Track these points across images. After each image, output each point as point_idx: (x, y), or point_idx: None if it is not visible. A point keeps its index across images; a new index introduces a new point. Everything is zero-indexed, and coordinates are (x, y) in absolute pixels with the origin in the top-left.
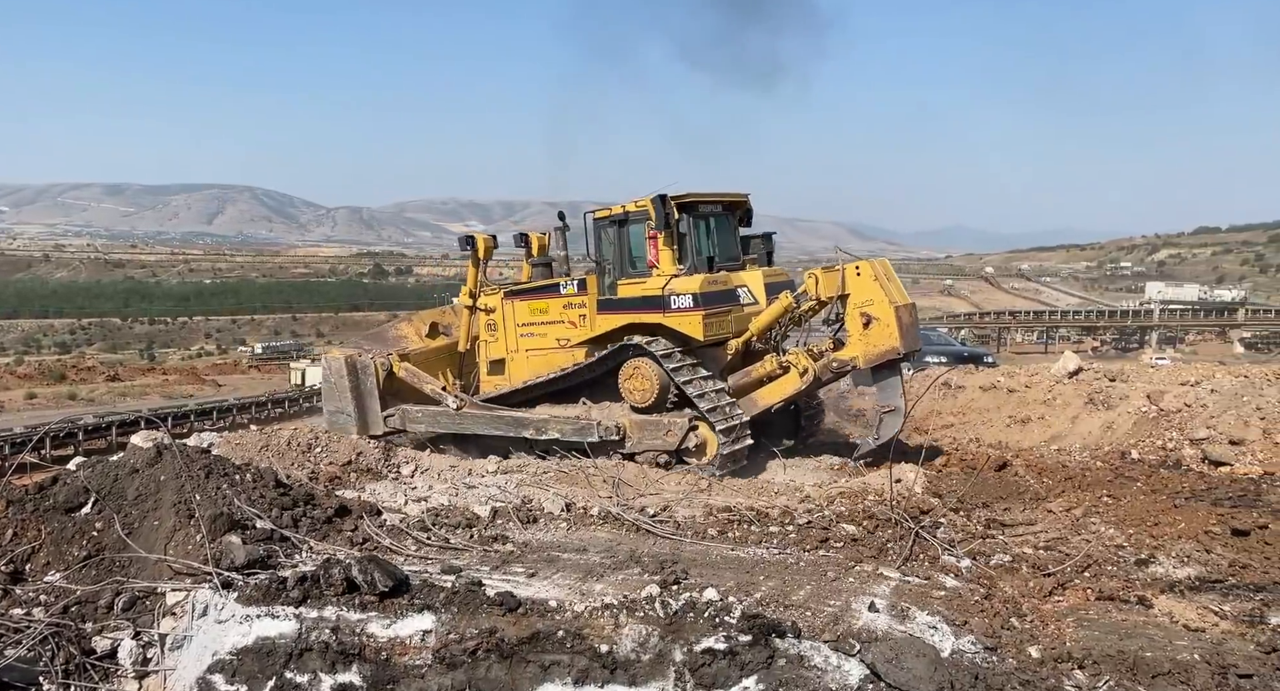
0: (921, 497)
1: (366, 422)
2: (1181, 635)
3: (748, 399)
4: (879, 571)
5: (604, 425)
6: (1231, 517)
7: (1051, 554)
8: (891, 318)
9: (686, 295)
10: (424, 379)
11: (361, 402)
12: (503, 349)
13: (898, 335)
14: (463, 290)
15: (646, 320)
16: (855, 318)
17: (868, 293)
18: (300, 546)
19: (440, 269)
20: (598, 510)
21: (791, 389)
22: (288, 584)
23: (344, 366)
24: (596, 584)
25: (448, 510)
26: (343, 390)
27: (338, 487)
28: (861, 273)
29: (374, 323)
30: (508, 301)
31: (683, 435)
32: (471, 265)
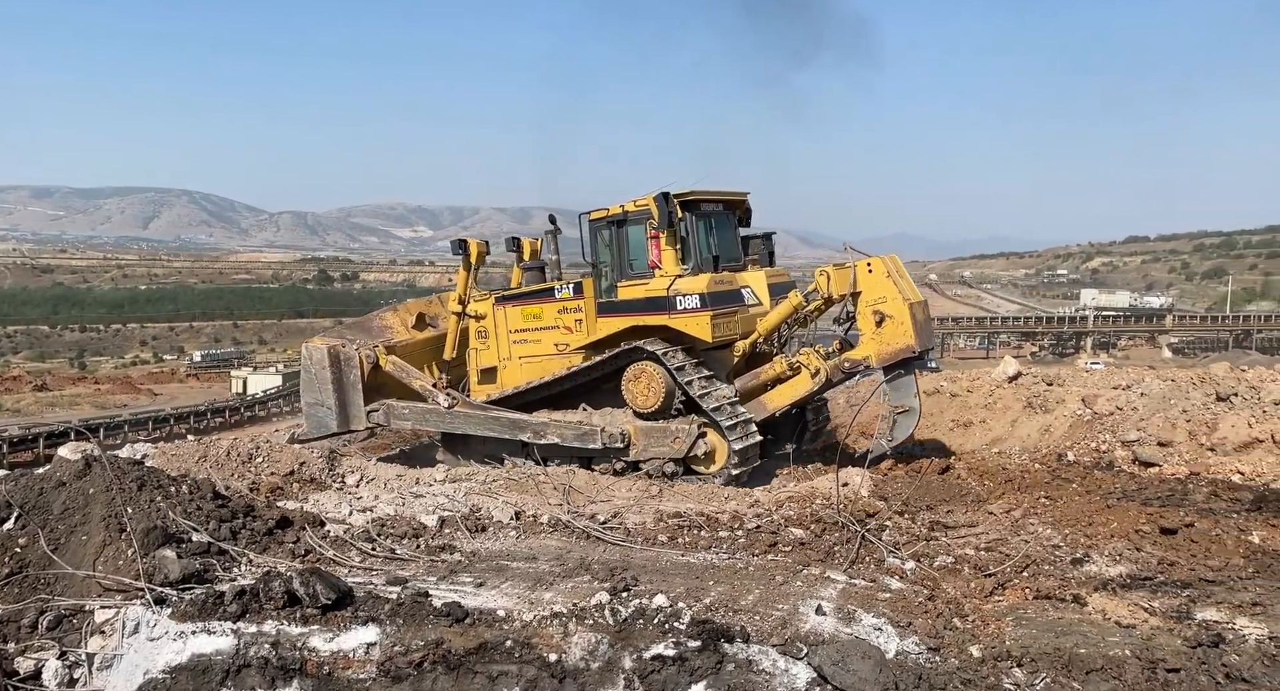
0: (868, 501)
1: (348, 417)
2: (1114, 631)
3: (756, 402)
4: (826, 574)
5: (608, 431)
6: (1160, 517)
7: (992, 554)
8: (906, 315)
9: (693, 295)
10: (413, 374)
11: (344, 396)
12: (494, 357)
13: (913, 333)
14: (451, 296)
15: (651, 322)
16: (867, 316)
17: (880, 290)
18: (239, 559)
19: (388, 274)
20: (548, 518)
21: (803, 390)
22: (225, 598)
23: (326, 357)
24: (546, 592)
25: (394, 520)
26: (324, 382)
27: (279, 499)
28: (874, 269)
29: (319, 329)
30: (499, 307)
31: (691, 442)
32: (462, 270)
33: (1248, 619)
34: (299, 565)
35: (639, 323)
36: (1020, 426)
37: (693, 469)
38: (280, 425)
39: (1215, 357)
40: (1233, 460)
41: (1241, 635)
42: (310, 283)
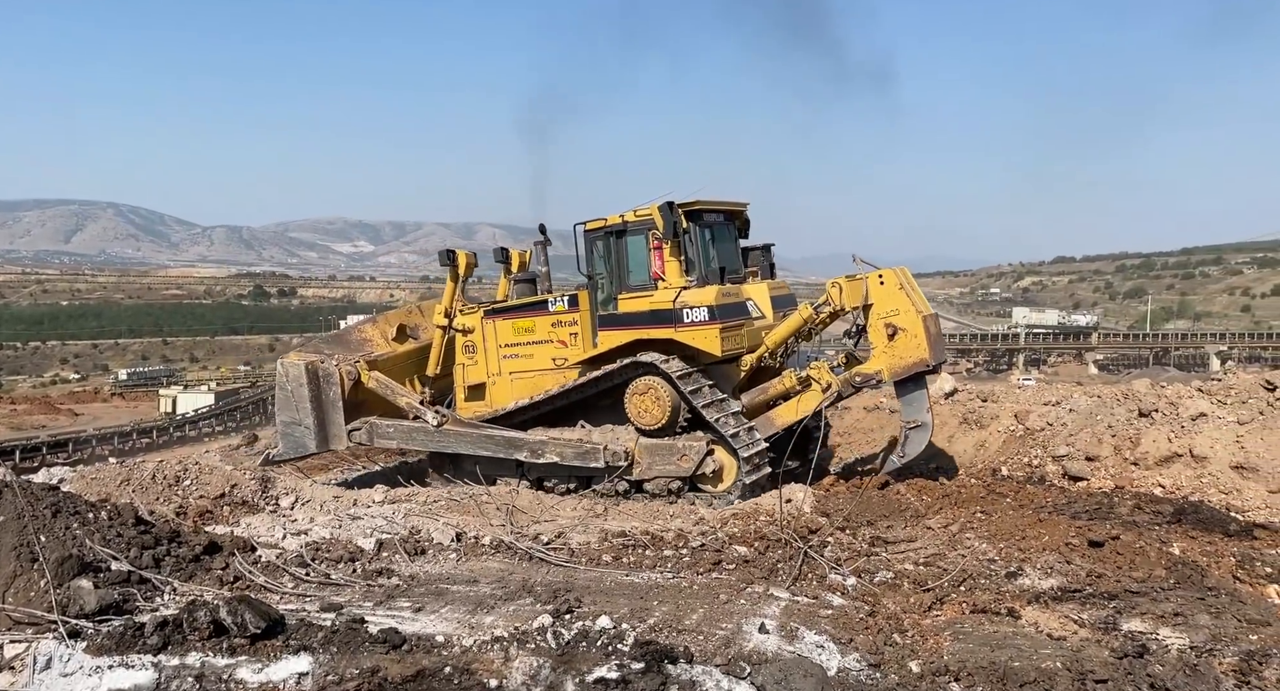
0: (810, 517)
1: (327, 436)
2: (1046, 644)
3: (764, 418)
4: (769, 592)
5: (610, 450)
6: (1088, 530)
7: (930, 569)
8: (920, 328)
9: (701, 307)
10: (398, 391)
11: (323, 414)
12: (483, 372)
13: (926, 346)
14: (437, 308)
15: (656, 335)
16: (879, 329)
17: (893, 302)
18: (162, 588)
19: (327, 290)
20: (490, 539)
21: (813, 405)
22: (145, 629)
23: (304, 373)
24: (487, 616)
25: (329, 543)
26: (301, 400)
27: (208, 523)
28: (885, 281)
29: (254, 346)
30: (488, 320)
31: (699, 460)
32: (450, 281)
33: (1170, 629)
34: (227, 593)
35: (643, 336)
36: (957, 442)
37: (700, 487)
38: (212, 445)
39: (1137, 374)
40: (1154, 474)
41: (1165, 645)
42: (245, 298)
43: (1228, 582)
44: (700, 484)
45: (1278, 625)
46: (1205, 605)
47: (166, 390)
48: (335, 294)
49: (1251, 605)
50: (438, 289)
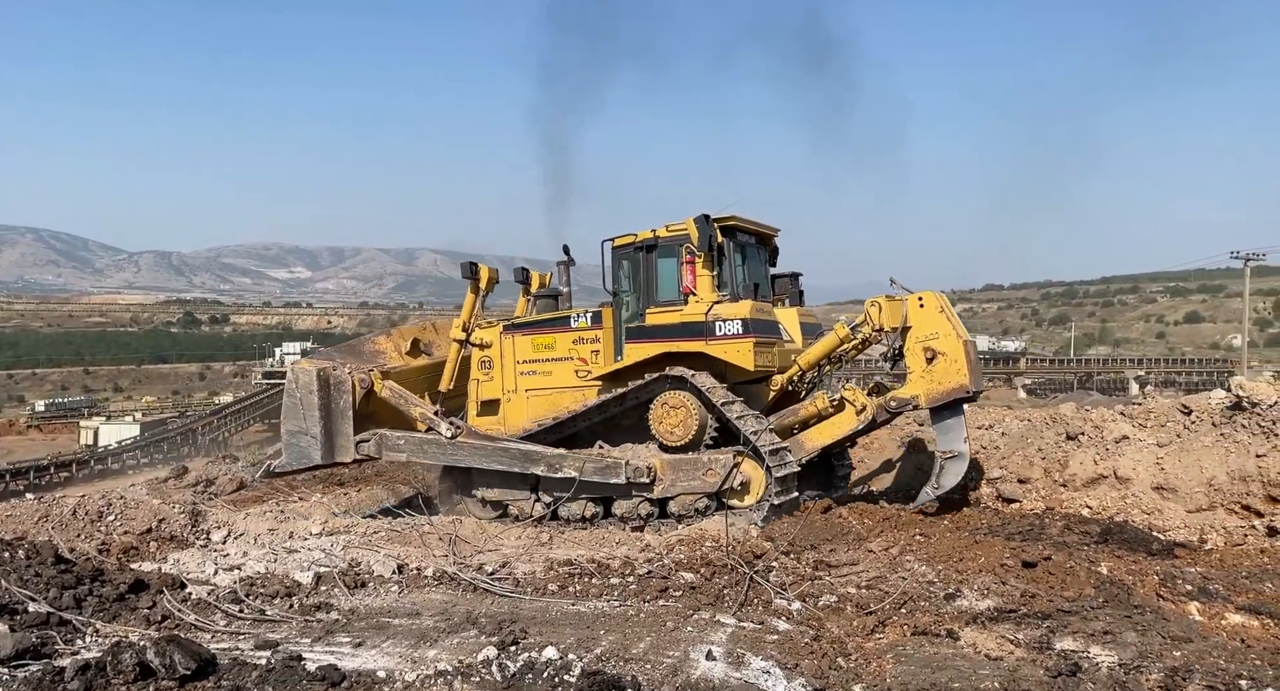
0: (755, 542)
1: (333, 447)
2: (984, 664)
3: (794, 441)
4: (716, 618)
5: (633, 465)
6: (1022, 551)
7: (873, 592)
8: (960, 352)
9: (735, 321)
10: (411, 401)
11: (331, 423)
12: (498, 388)
13: (967, 372)
14: (454, 322)
15: (686, 348)
16: (918, 353)
17: (932, 325)
18: (84, 630)
19: (261, 317)
20: (433, 570)
21: (847, 428)
22: (66, 674)
23: (314, 380)
24: (430, 649)
25: (264, 578)
26: (310, 408)
27: (134, 560)
28: (925, 303)
29: (183, 375)
30: (507, 336)
31: (726, 474)
32: (470, 294)
33: (1100, 647)
34: (154, 633)
35: (672, 349)
36: (896, 465)
37: (725, 503)
38: (138, 478)
39: (1063, 398)
40: (1082, 495)
41: (1095, 663)
42: (175, 326)
43: (1152, 600)
44: (726, 498)
45: (1198, 642)
46: (1132, 623)
47: (88, 421)
48: (270, 321)
49: (1174, 622)
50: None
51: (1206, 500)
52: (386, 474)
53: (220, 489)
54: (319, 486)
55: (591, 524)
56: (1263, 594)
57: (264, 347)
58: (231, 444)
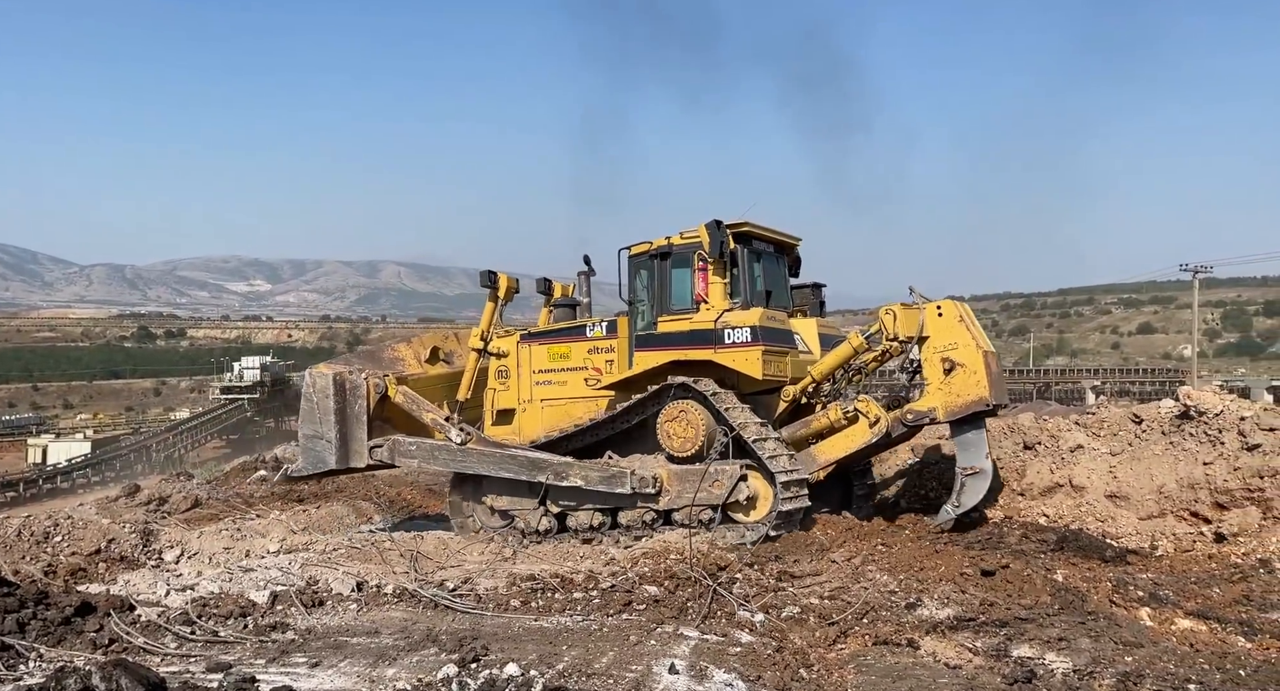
0: (719, 554)
1: (348, 452)
2: (943, 673)
3: (806, 454)
4: (679, 631)
5: (638, 475)
6: (980, 559)
7: (835, 602)
8: (980, 364)
9: (744, 328)
10: (424, 406)
11: (346, 428)
12: (514, 398)
13: (987, 384)
14: (473, 331)
15: (694, 356)
16: (935, 364)
17: (951, 335)
18: (27, 655)
19: (219, 331)
20: (393, 588)
21: (860, 441)
22: None
23: (331, 384)
24: (389, 668)
25: (218, 598)
26: (325, 412)
27: (81, 582)
28: (944, 313)
29: (137, 390)
30: (524, 345)
31: (731, 485)
32: (489, 303)
33: (1055, 653)
34: (101, 657)
35: (681, 357)
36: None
37: (731, 517)
38: (88, 497)
39: (1022, 408)
40: (1039, 504)
41: (1051, 670)
42: (129, 340)
43: (1105, 607)
44: (732, 513)
45: (1149, 647)
46: (1086, 629)
47: (36, 439)
48: (229, 335)
49: (1126, 628)
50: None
51: (1157, 507)
52: (348, 490)
53: (174, 507)
54: (277, 503)
55: (600, 533)
56: (1210, 599)
57: (222, 362)
58: (187, 461)
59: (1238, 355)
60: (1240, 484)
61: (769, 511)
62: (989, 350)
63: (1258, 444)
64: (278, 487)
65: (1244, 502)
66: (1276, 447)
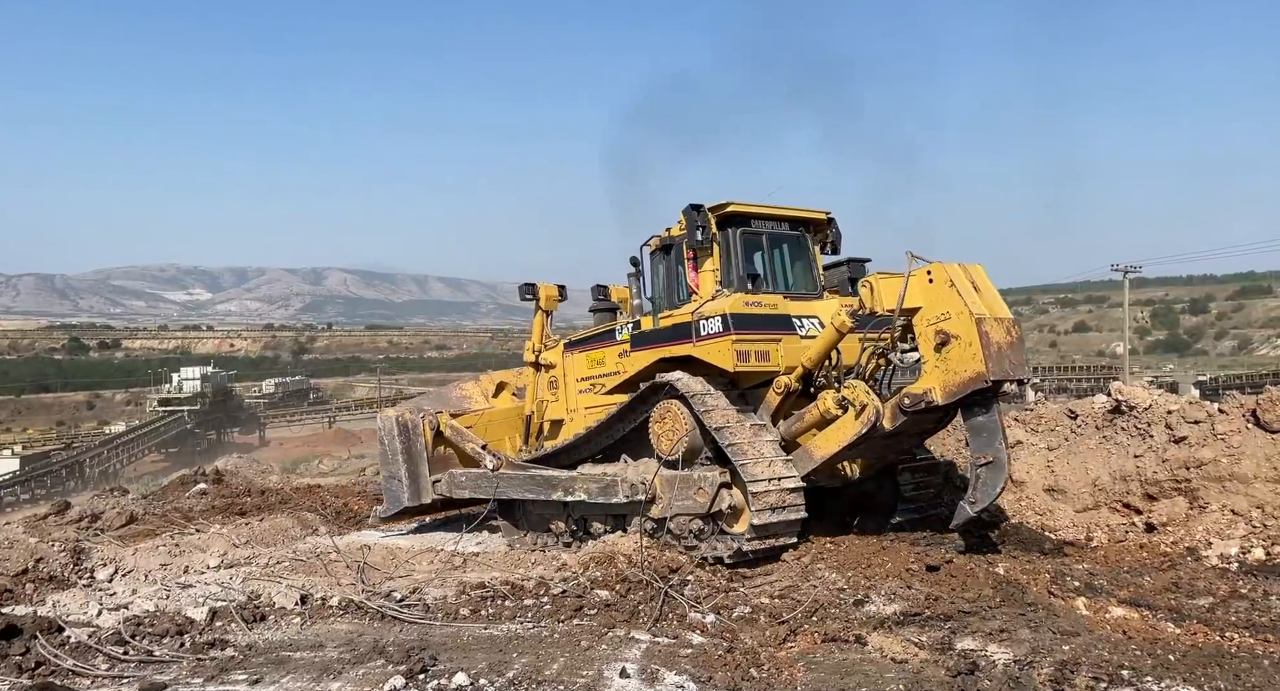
0: (671, 556)
1: (418, 489)
2: (890, 668)
3: (802, 450)
4: (631, 635)
5: (629, 482)
6: (925, 555)
7: (785, 601)
8: (973, 333)
9: (715, 318)
10: (466, 437)
11: (412, 466)
12: (562, 408)
13: (982, 356)
14: (527, 345)
15: (677, 352)
16: (929, 337)
17: (943, 304)
18: None
19: (156, 341)
20: (338, 600)
21: (849, 434)
22: None
23: (395, 426)
24: (333, 683)
25: (154, 617)
26: (394, 452)
27: (6, 603)
28: (934, 278)
29: (69, 404)
30: (567, 354)
31: (713, 494)
32: (537, 315)
33: (997, 645)
34: (26, 681)
35: (666, 354)
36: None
37: (720, 527)
38: (15, 515)
39: None
40: None
41: (992, 661)
42: (59, 352)
43: (1044, 598)
44: (720, 522)
45: (1085, 635)
46: (1026, 620)
47: None
48: (167, 345)
49: (1064, 617)
50: (283, 337)
51: (1092, 500)
52: (292, 502)
53: (108, 523)
54: (218, 517)
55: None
56: (1142, 587)
57: (160, 373)
58: (124, 475)
59: (1166, 352)
60: (1168, 475)
61: (747, 526)
62: (991, 316)
63: (1184, 436)
64: (218, 502)
65: (1172, 493)
66: (1201, 439)
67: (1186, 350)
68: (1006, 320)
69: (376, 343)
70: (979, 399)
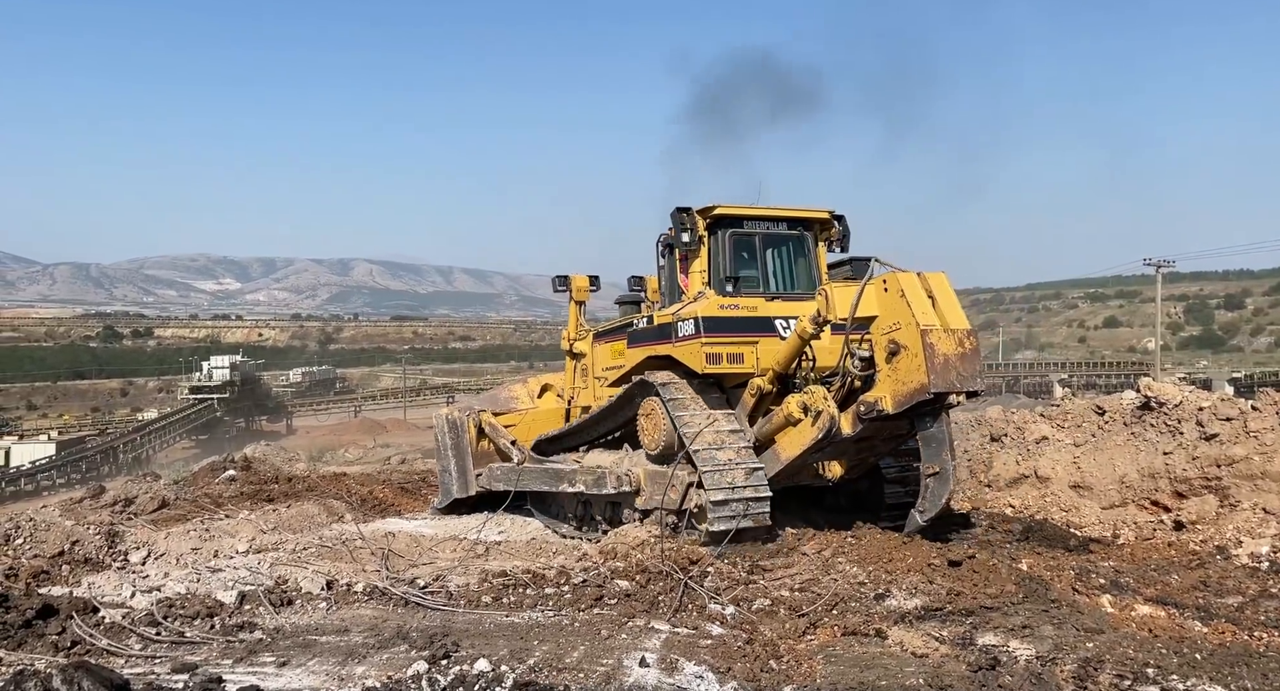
0: (691, 547)
1: (466, 482)
2: (910, 662)
3: (770, 451)
4: (650, 625)
5: (616, 475)
6: (948, 550)
7: (805, 594)
8: (918, 345)
9: (689, 321)
10: (500, 433)
11: (461, 461)
12: (591, 396)
13: (924, 369)
14: (563, 335)
15: (659, 352)
16: (882, 346)
17: (895, 314)
18: None
19: (188, 330)
20: (363, 586)
21: (808, 439)
22: None
23: (445, 423)
24: (358, 666)
25: (185, 599)
26: (445, 448)
27: (43, 584)
28: (889, 288)
29: (103, 391)
30: (596, 344)
31: (683, 492)
32: (571, 305)
33: (1019, 641)
34: (62, 660)
35: (651, 353)
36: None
37: (694, 524)
38: (52, 499)
39: (991, 401)
40: (1005, 495)
41: (1014, 657)
42: (94, 340)
43: (1068, 595)
44: (693, 521)
45: (1110, 633)
46: (1049, 617)
47: (0, 440)
48: (198, 334)
49: (1088, 614)
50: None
51: (1119, 497)
52: (318, 489)
53: (141, 508)
54: (246, 503)
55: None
56: (1169, 585)
57: (191, 361)
58: (155, 461)
59: (1200, 348)
60: (1198, 473)
61: (707, 522)
62: (941, 327)
63: (1215, 433)
64: (247, 488)
65: (1202, 491)
66: (1233, 437)
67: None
68: (960, 331)
69: (402, 333)
70: (928, 409)
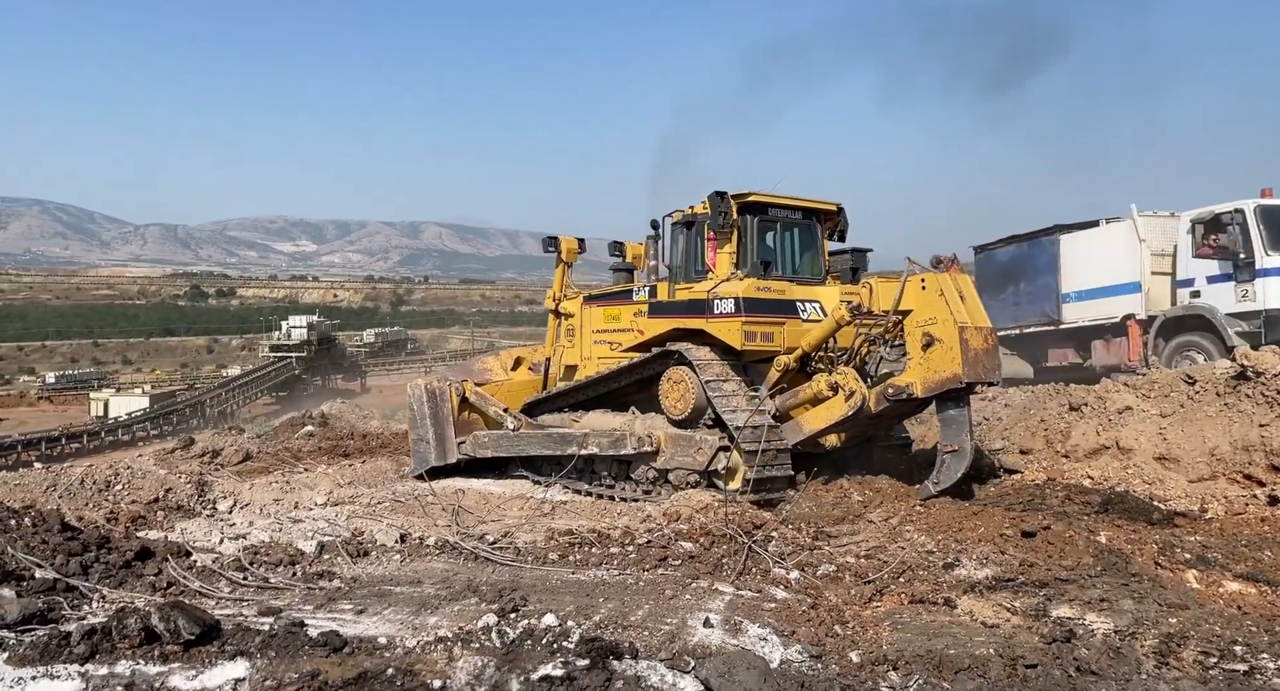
0: (754, 512)
1: (444, 450)
2: (980, 632)
3: (792, 423)
4: (714, 587)
5: (637, 436)
6: (1021, 521)
7: (871, 562)
8: (955, 339)
9: (729, 299)
10: (490, 401)
11: (439, 429)
12: (577, 355)
13: (960, 360)
14: (548, 293)
15: (691, 325)
16: (916, 337)
17: (932, 310)
18: (90, 596)
19: (268, 290)
20: (435, 540)
21: (837, 414)
22: (72, 638)
23: (424, 393)
24: (430, 617)
25: (269, 547)
26: (423, 417)
27: (141, 528)
28: (927, 286)
29: (191, 348)
30: (586, 306)
31: (712, 455)
32: (558, 266)
33: (1096, 614)
34: (159, 599)
35: (682, 325)
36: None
37: (714, 482)
38: (146, 450)
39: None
40: (1083, 465)
41: (1091, 630)
42: (182, 299)
43: (1150, 569)
44: (715, 479)
45: (1195, 609)
46: (1129, 591)
47: (98, 393)
48: (277, 294)
49: (1171, 590)
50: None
51: (1208, 470)
52: (391, 446)
53: (227, 460)
54: (324, 458)
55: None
56: (1261, 561)
57: (270, 321)
58: (239, 416)
59: None
60: None
61: (743, 480)
62: (972, 325)
63: None
64: (324, 443)
65: None
66: None
67: None
68: (985, 329)
69: (470, 296)
70: (952, 395)
